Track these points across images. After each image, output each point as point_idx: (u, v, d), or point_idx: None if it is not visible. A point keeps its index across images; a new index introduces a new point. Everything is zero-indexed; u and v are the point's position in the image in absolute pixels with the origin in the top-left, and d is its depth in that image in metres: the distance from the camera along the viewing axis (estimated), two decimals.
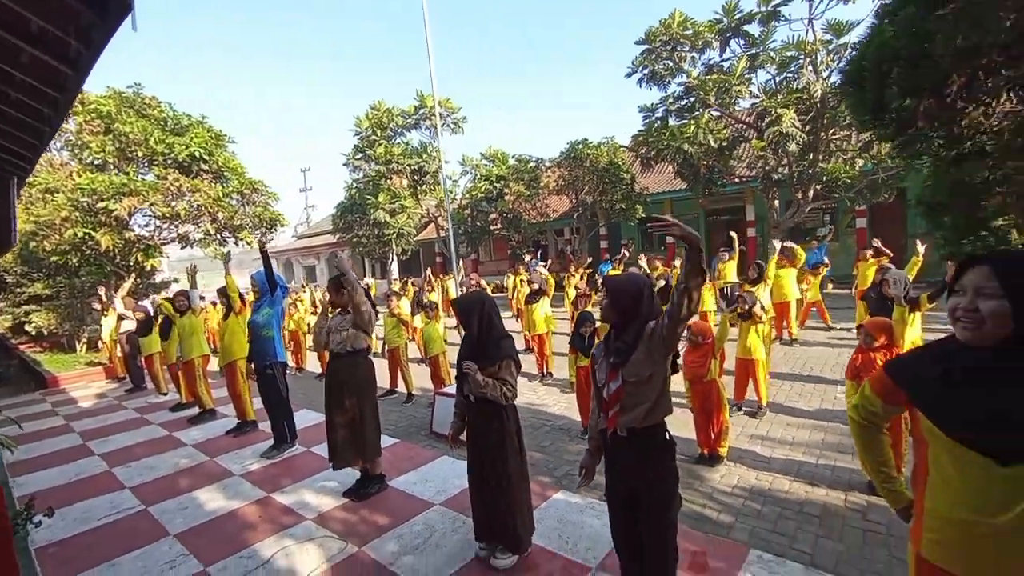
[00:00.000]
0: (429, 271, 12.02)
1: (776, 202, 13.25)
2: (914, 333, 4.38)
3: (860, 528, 2.97)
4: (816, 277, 8.77)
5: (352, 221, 19.07)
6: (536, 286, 6.99)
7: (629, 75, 12.96)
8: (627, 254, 10.47)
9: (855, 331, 4.99)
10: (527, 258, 13.69)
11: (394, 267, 23.55)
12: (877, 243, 7.50)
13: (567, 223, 18.35)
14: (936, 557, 1.27)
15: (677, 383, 5.77)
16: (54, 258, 10.32)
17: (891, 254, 7.31)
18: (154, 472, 4.46)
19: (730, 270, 9.56)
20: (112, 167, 10.59)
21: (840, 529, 2.99)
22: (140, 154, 10.42)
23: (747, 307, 4.60)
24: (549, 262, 11.76)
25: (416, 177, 18.50)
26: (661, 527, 1.97)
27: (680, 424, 4.52)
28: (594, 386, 2.10)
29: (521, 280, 10.44)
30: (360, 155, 18.64)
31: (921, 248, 5.75)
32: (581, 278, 9.85)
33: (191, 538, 3.25)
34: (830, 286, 11.89)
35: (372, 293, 9.15)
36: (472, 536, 2.82)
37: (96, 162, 10.53)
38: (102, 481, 4.35)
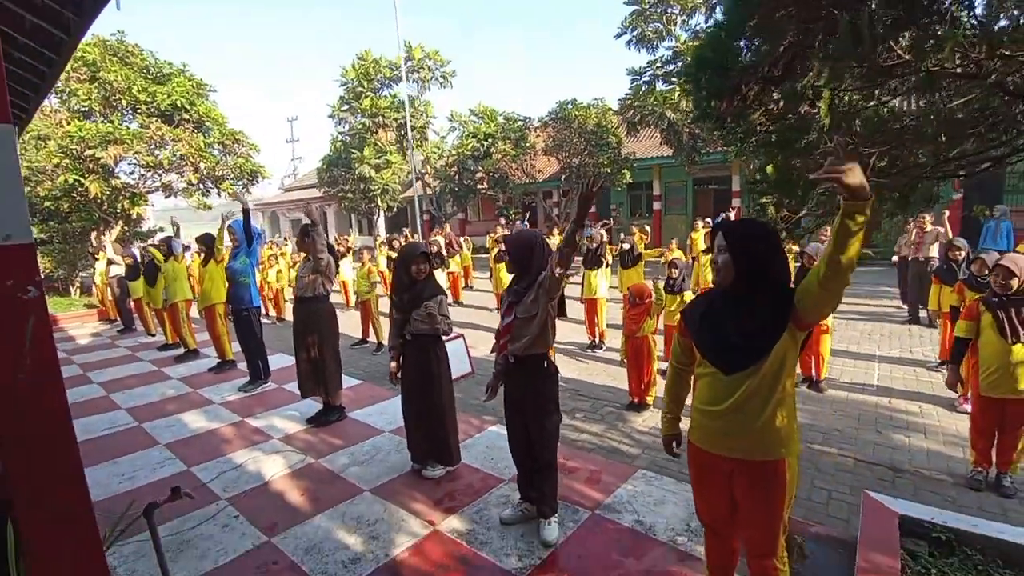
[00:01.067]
0: (407, 230, 12.33)
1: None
2: None
3: None
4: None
5: (337, 175, 19.01)
6: (502, 247, 7.41)
7: (618, 36, 12.92)
8: (615, 219, 10.88)
9: None
10: (517, 222, 13.99)
11: (380, 223, 23.70)
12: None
13: (555, 185, 18.51)
14: (695, 438, 1.80)
15: (615, 340, 6.31)
16: (47, 203, 10.57)
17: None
18: (145, 398, 5.04)
19: (700, 240, 9.99)
20: (98, 115, 10.67)
21: None
22: (124, 102, 10.49)
23: (675, 278, 5.04)
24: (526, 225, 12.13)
25: (403, 132, 18.40)
26: (544, 434, 2.53)
27: (621, 375, 5.09)
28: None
29: (495, 240, 10.85)
30: (346, 107, 18.44)
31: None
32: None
33: (177, 447, 3.85)
34: None
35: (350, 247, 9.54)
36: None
37: (83, 109, 10.60)
38: (101, 403, 4.95)
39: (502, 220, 13.35)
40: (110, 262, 8.89)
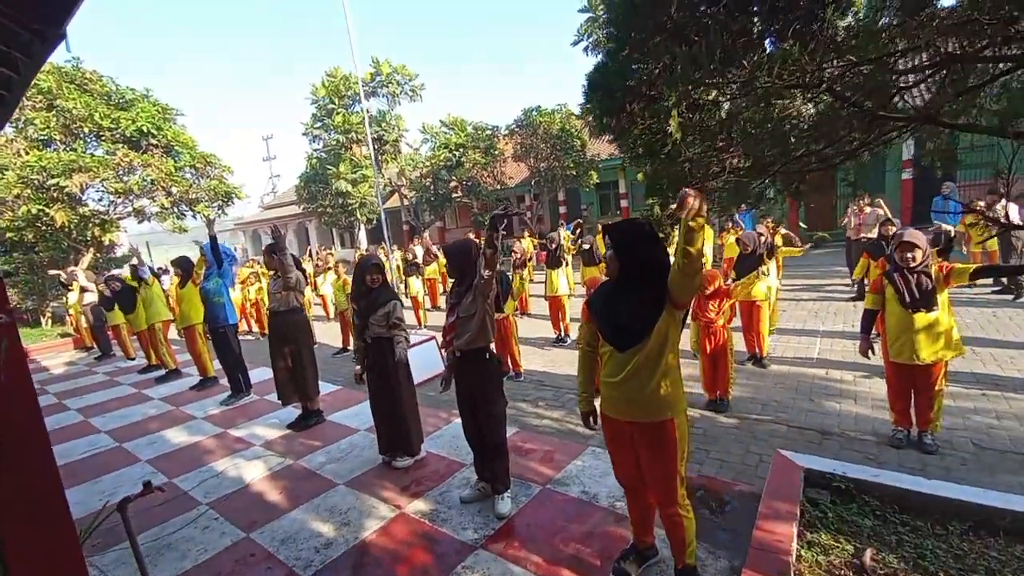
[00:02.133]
0: (383, 243, 12.56)
1: None
2: (770, 280, 5.36)
3: None
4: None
5: (316, 191, 19.15)
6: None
7: (575, 44, 13.35)
8: (584, 219, 11.36)
9: None
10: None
11: (362, 236, 23.85)
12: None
13: (526, 190, 18.91)
14: (604, 408, 2.11)
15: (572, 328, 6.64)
16: (9, 235, 10.50)
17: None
18: (126, 420, 5.18)
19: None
20: (58, 143, 10.65)
21: None
22: (86, 130, 10.49)
23: None
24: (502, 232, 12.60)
25: (376, 146, 18.59)
26: (491, 420, 2.81)
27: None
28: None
29: None
30: (319, 124, 18.56)
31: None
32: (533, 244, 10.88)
33: (159, 462, 4.04)
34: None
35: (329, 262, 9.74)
36: None
37: (42, 138, 10.56)
38: (80, 428, 5.07)
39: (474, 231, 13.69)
40: (83, 290, 8.93)
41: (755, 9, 2.23)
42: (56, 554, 1.53)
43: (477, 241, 2.94)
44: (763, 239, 5.23)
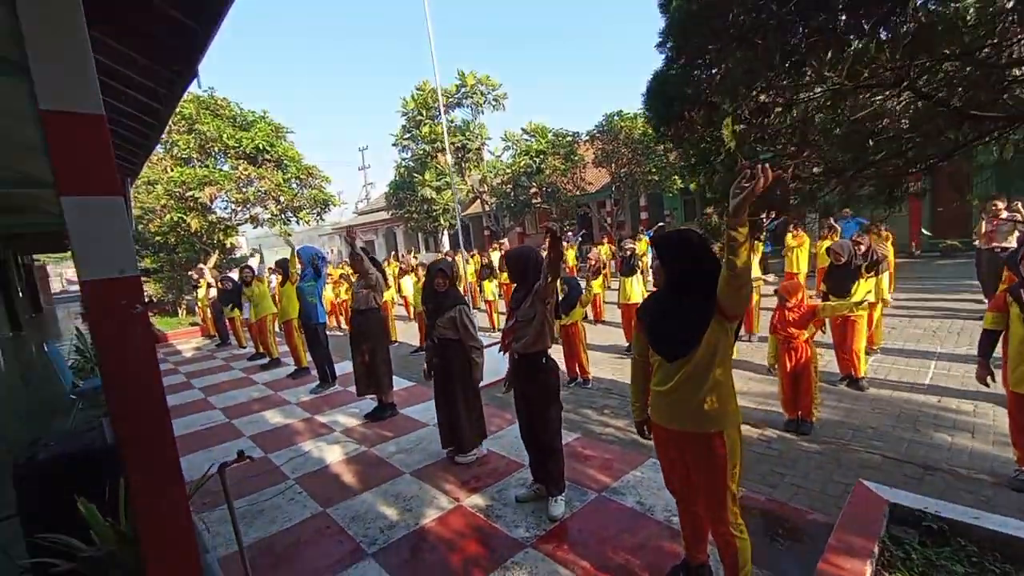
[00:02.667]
0: (461, 248, 13.08)
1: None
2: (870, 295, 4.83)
3: (757, 452, 3.65)
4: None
5: (403, 198, 20.45)
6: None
7: (659, 45, 12.97)
8: (667, 225, 11.10)
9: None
10: (568, 233, 14.36)
11: (445, 240, 24.96)
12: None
13: (606, 195, 18.65)
14: (653, 416, 2.08)
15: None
16: (157, 238, 12.45)
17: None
18: (235, 400, 5.93)
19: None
20: (196, 160, 12.46)
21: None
22: (216, 148, 12.18)
23: None
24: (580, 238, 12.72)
25: (460, 154, 19.42)
26: (545, 422, 2.86)
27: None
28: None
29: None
30: (407, 135, 19.76)
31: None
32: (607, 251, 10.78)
33: (258, 439, 4.59)
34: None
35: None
36: None
37: (183, 156, 12.43)
38: (200, 404, 5.90)
39: (568, 234, 13.96)
40: (209, 286, 10.32)
41: (840, 5, 2.09)
42: (169, 502, 1.84)
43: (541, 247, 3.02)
44: (862, 249, 4.72)
